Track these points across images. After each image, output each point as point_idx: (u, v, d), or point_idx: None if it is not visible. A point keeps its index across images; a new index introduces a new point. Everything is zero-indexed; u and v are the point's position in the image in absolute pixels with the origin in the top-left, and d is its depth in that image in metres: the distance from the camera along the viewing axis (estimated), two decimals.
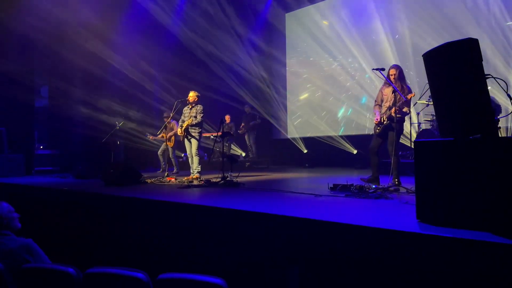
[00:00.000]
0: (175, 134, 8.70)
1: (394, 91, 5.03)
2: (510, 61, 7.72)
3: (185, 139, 7.06)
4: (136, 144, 10.70)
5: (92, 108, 10.37)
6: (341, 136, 10.47)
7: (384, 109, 5.30)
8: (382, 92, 5.42)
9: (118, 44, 10.42)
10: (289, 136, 12.04)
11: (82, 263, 2.59)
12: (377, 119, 5.29)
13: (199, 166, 7.03)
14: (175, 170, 8.76)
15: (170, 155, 8.81)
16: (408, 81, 5.37)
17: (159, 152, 9.17)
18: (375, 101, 5.52)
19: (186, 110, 7.17)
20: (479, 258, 2.16)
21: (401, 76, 5.22)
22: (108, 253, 4.65)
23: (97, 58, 10.03)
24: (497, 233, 2.26)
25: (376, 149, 5.38)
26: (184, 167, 8.85)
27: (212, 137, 10.31)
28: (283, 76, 12.42)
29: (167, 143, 8.70)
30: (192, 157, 7.07)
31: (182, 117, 7.17)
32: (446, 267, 2.25)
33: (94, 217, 5.06)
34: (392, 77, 5.16)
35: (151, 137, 9.30)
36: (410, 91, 5.14)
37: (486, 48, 7.56)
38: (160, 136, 9.06)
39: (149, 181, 6.79)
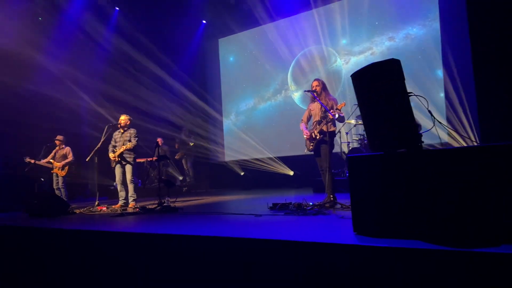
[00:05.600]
0: (69, 163, 8.08)
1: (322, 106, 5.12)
2: (427, 80, 8.49)
3: (117, 166, 6.72)
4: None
5: (14, 135, 9.56)
6: (277, 157, 10.68)
7: (313, 125, 5.35)
8: (309, 109, 5.50)
9: (41, 65, 9.82)
10: (226, 159, 12.04)
11: None
12: (306, 134, 5.33)
13: (135, 193, 6.72)
14: None
15: (60, 184, 8.00)
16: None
17: (60, 184, 8.08)
18: (302, 120, 5.57)
19: (117, 135, 6.87)
20: (412, 264, 2.27)
21: (324, 88, 5.33)
22: None
23: (21, 80, 9.36)
24: (426, 240, 2.40)
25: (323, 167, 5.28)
26: (115, 195, 7.96)
27: (146, 162, 9.97)
28: (219, 100, 12.50)
29: (58, 171, 7.99)
30: (125, 184, 6.75)
31: (113, 143, 6.84)
32: (383, 275, 2.34)
33: (17, 252, 4.60)
34: (318, 89, 5.25)
35: (32, 161, 7.98)
36: (336, 102, 5.23)
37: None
38: (45, 161, 8.08)
39: (77, 211, 6.38)
